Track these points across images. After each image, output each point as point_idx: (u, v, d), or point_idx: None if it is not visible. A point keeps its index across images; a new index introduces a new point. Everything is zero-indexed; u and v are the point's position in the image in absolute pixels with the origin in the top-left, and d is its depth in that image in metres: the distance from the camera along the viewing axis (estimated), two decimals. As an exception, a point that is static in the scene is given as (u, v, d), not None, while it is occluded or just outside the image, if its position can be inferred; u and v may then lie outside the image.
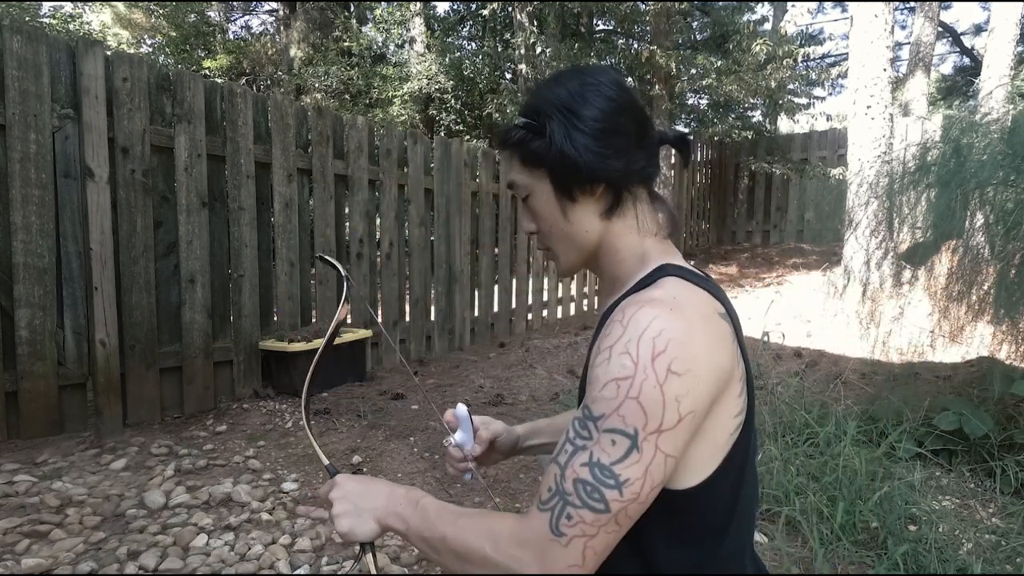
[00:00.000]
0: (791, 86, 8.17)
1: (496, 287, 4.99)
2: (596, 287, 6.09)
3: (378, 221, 4.02)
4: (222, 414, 2.96)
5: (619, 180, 0.72)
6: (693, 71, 7.23)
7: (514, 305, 5.17)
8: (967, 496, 2.19)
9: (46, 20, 9.29)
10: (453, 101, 9.20)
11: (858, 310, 4.55)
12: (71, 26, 9.45)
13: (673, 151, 0.83)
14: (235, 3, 11.88)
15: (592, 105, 0.71)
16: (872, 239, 3.43)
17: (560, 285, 5.75)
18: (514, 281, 5.18)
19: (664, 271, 0.69)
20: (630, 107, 0.73)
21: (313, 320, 3.56)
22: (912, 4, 11.03)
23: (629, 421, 0.56)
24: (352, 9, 10.65)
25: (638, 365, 0.57)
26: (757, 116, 10.07)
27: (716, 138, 8.96)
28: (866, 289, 4.75)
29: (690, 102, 9.94)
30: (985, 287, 2.80)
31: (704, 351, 0.59)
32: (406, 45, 10.20)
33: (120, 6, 9.94)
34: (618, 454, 0.56)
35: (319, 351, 0.88)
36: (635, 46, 8.33)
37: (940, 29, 11.55)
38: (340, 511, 0.74)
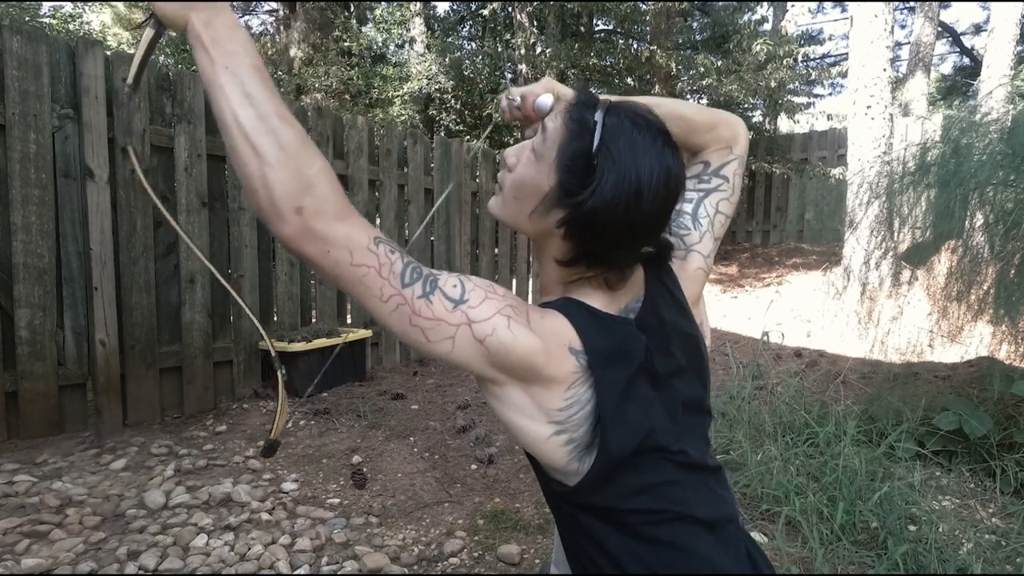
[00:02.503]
0: (791, 86, 8.16)
1: (496, 287, 4.99)
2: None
3: (378, 221, 4.01)
4: (222, 414, 2.96)
5: (592, 261, 0.73)
6: (693, 71, 7.23)
7: (514, 305, 5.17)
8: (967, 496, 2.19)
9: (46, 20, 9.28)
10: (453, 101, 9.20)
11: (858, 310, 4.55)
12: (71, 26, 9.44)
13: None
14: (235, 3, 11.89)
15: (650, 207, 0.69)
16: (872, 239, 3.43)
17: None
18: (514, 281, 5.18)
19: (566, 304, 0.73)
20: (663, 222, 0.73)
21: (313, 320, 3.57)
22: (912, 4, 11.03)
23: (468, 292, 0.67)
24: (352, 9, 10.65)
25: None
26: (757, 116, 10.07)
27: (716, 138, 8.94)
28: (865, 289, 4.74)
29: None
30: (985, 287, 2.80)
31: (521, 351, 0.67)
32: (406, 45, 10.20)
33: (120, 6, 9.94)
34: (448, 291, 0.66)
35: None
36: (635, 46, 8.33)
37: (940, 29, 11.54)
38: None
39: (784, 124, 10.70)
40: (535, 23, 8.45)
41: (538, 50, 8.43)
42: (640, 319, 0.77)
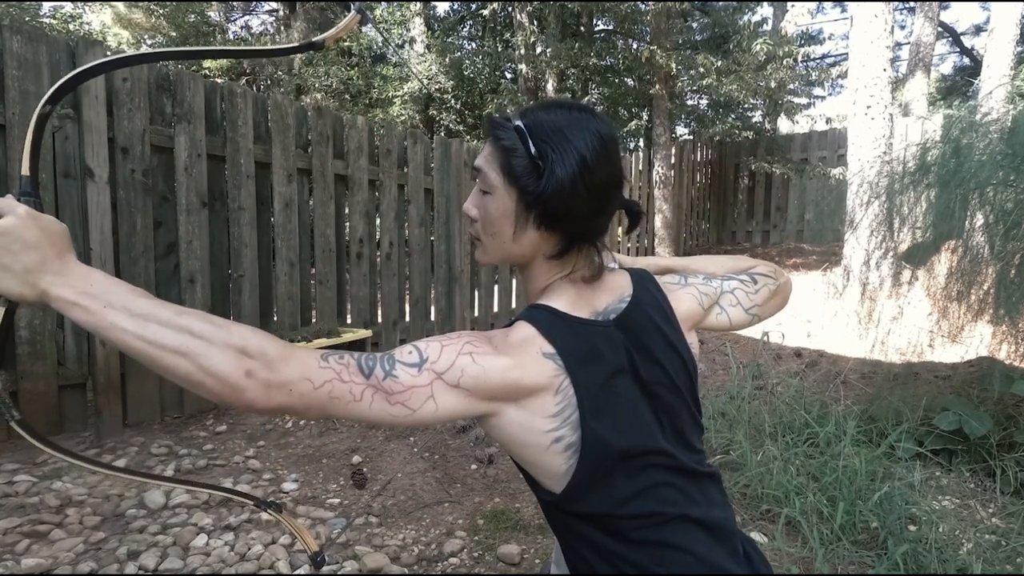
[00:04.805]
0: (791, 86, 8.16)
1: (496, 287, 4.99)
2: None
3: (378, 221, 4.02)
4: (222, 414, 2.96)
5: (581, 238, 0.77)
6: (693, 71, 7.22)
7: (514, 305, 5.17)
8: (967, 496, 2.19)
9: (46, 20, 9.26)
10: (453, 101, 9.20)
11: (858, 310, 4.55)
12: (71, 26, 9.43)
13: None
14: (235, 3, 11.88)
15: (601, 168, 0.74)
16: (872, 239, 3.43)
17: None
18: (514, 281, 5.18)
19: (530, 312, 0.76)
20: (620, 177, 0.78)
21: (313, 320, 3.56)
22: (912, 4, 11.02)
23: (424, 351, 0.69)
24: (352, 9, 10.65)
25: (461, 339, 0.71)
26: (757, 116, 10.07)
27: (716, 138, 8.96)
28: (866, 289, 4.74)
29: (690, 102, 9.94)
30: (985, 287, 2.80)
31: (496, 375, 0.69)
32: (406, 45, 10.20)
33: (120, 6, 9.93)
34: (407, 359, 0.68)
35: None
36: (635, 46, 8.33)
37: (940, 29, 11.54)
38: None
39: (784, 124, 10.70)
40: (535, 23, 8.45)
41: (538, 50, 8.42)
42: (622, 318, 0.78)
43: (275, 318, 3.39)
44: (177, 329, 0.59)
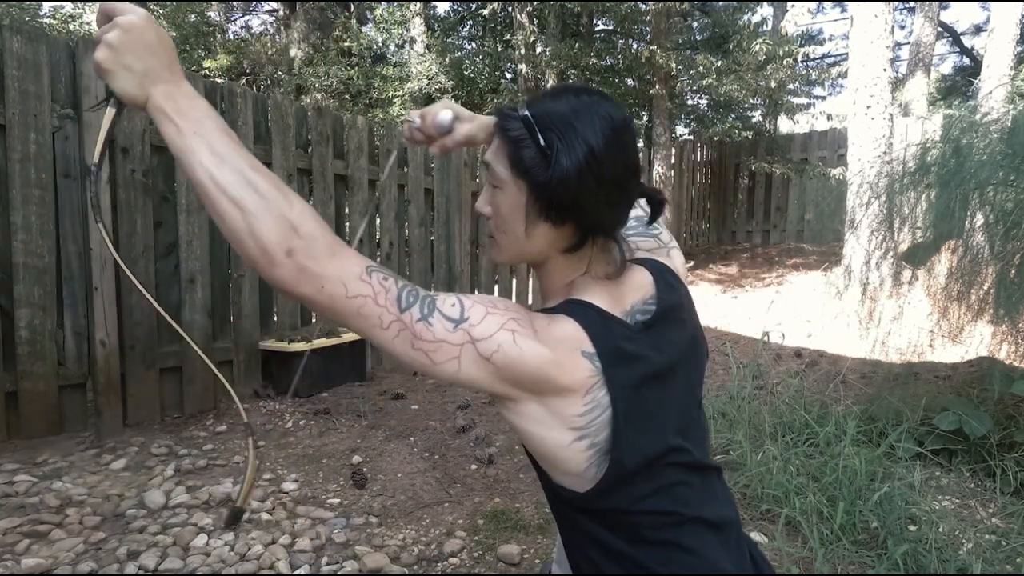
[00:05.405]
0: (791, 86, 8.16)
1: (496, 287, 4.99)
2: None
3: (378, 221, 4.02)
4: (222, 414, 2.96)
5: (594, 230, 0.74)
6: (693, 71, 7.23)
7: (514, 305, 5.18)
8: (967, 496, 2.19)
9: (46, 20, 9.27)
10: (453, 101, 9.19)
11: (858, 310, 4.55)
12: (71, 26, 9.44)
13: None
14: (235, 3, 11.88)
15: (612, 157, 0.70)
16: (872, 239, 3.43)
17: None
18: (514, 282, 5.19)
19: (572, 307, 0.72)
20: (635, 164, 0.74)
21: (313, 320, 3.56)
22: (912, 4, 11.02)
23: (468, 310, 0.66)
24: (352, 9, 10.65)
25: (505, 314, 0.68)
26: (757, 116, 10.07)
27: (716, 138, 8.96)
28: (866, 289, 4.74)
29: (690, 102, 9.94)
30: (985, 287, 2.80)
31: (532, 364, 0.66)
32: (406, 45, 10.20)
33: (120, 6, 9.93)
34: (448, 311, 0.66)
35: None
36: (635, 46, 8.33)
37: (940, 29, 11.54)
38: (116, 42, 0.62)
39: (784, 124, 10.69)
40: (535, 23, 8.44)
41: (538, 50, 8.42)
42: (652, 320, 0.77)
43: (275, 318, 3.39)
44: (245, 181, 0.61)
